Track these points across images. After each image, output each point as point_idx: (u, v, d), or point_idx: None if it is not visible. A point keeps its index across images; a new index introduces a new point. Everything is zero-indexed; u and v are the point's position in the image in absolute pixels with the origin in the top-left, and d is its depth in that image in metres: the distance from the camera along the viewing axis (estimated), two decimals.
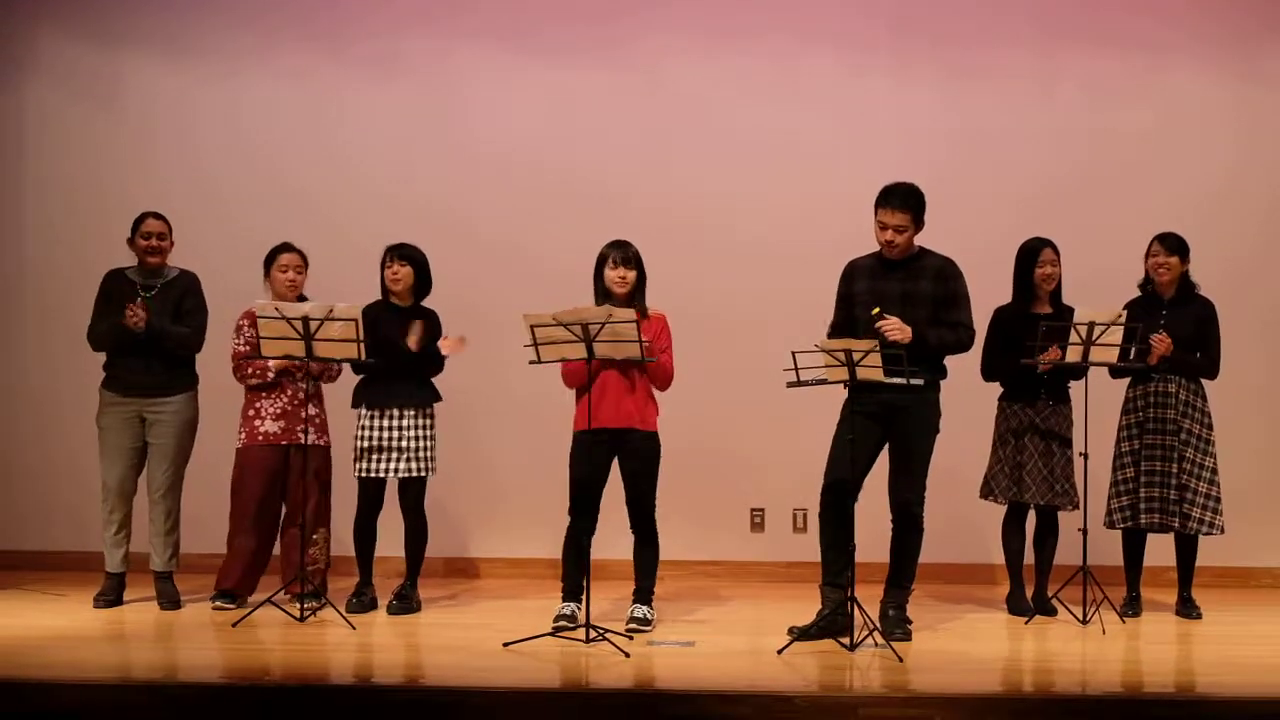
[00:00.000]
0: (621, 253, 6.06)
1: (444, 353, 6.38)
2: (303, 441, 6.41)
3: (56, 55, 7.86)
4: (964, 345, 5.96)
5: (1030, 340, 6.21)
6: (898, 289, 5.85)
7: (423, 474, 6.40)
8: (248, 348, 6.48)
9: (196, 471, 6.64)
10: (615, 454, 6.05)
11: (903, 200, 5.83)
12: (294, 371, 6.48)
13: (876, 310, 5.78)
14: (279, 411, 6.49)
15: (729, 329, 7.49)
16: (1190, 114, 7.61)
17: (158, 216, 6.53)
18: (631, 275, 6.05)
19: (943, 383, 6.02)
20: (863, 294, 5.91)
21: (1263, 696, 4.99)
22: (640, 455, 6.04)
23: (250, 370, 6.49)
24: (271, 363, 6.40)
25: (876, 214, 5.87)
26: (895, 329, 5.73)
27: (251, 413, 6.52)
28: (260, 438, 6.48)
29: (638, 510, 6.07)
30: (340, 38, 7.80)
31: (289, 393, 6.52)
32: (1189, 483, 6.40)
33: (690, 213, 7.59)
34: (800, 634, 5.75)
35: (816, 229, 7.31)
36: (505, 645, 5.62)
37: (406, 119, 7.77)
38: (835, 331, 5.97)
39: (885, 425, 5.88)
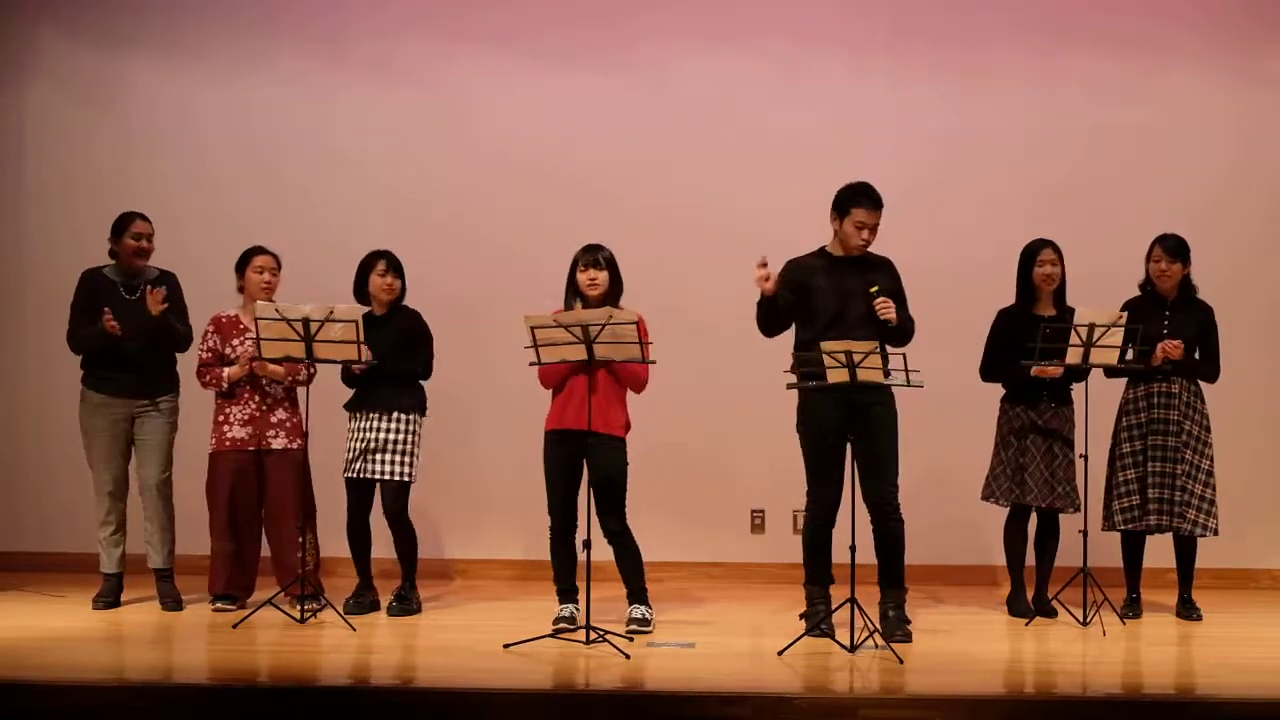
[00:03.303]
0: (592, 255, 6.05)
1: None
2: (271, 446, 6.45)
3: (58, 57, 7.86)
4: (910, 337, 5.99)
5: (1031, 342, 6.20)
6: (860, 285, 5.89)
7: (401, 478, 6.36)
8: (210, 355, 6.52)
9: (195, 472, 6.64)
10: (582, 454, 6.03)
11: (880, 201, 5.92)
12: (260, 379, 6.47)
13: (875, 289, 5.83)
14: (246, 417, 6.49)
15: (730, 331, 7.45)
16: (1191, 114, 7.62)
17: (144, 217, 6.53)
18: (602, 277, 6.03)
19: (944, 384, 6.05)
20: (823, 291, 5.92)
21: (1263, 698, 4.99)
22: (604, 461, 6.01)
23: (208, 377, 6.51)
24: (225, 372, 6.43)
25: (850, 214, 5.91)
26: (890, 308, 5.82)
27: (221, 418, 6.53)
28: (228, 443, 6.49)
29: (606, 517, 6.04)
30: (341, 40, 7.80)
31: (258, 397, 6.51)
32: (1187, 484, 6.40)
33: (690, 215, 7.59)
34: (813, 627, 5.82)
35: (818, 230, 7.25)
36: (506, 647, 5.62)
37: (407, 121, 7.77)
38: (776, 312, 5.95)
39: (850, 424, 5.88)
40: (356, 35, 7.80)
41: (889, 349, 5.77)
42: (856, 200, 5.90)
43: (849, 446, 5.89)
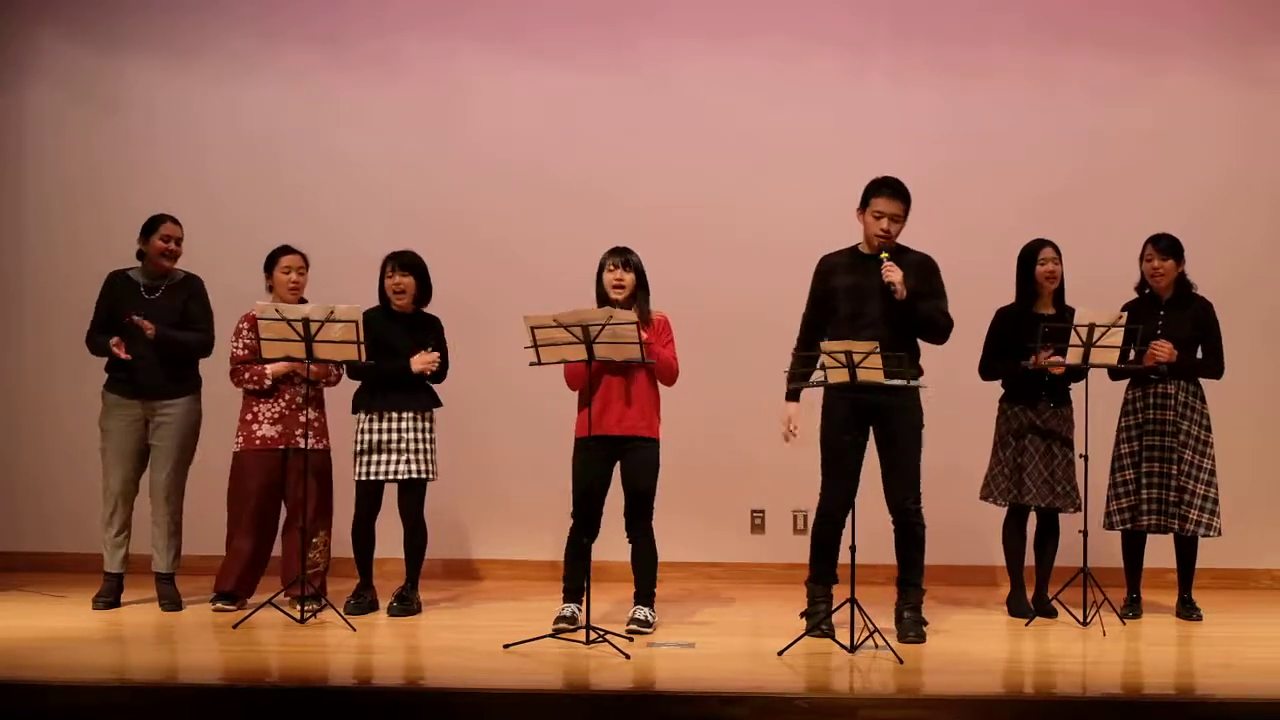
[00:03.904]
0: (619, 258, 6.07)
1: (414, 369, 6.34)
2: (300, 445, 6.41)
3: (58, 57, 7.86)
4: (944, 332, 5.96)
5: (1031, 342, 6.20)
6: (880, 283, 5.86)
7: (422, 476, 6.40)
8: (246, 352, 6.48)
9: (198, 474, 6.64)
10: (617, 459, 6.05)
11: (901, 191, 5.90)
12: (293, 376, 6.47)
13: (885, 255, 5.83)
14: (276, 415, 6.49)
15: (729, 330, 7.48)
16: (1191, 115, 7.62)
17: (175, 220, 6.53)
18: (629, 278, 6.05)
19: (944, 383, 6.05)
20: (844, 288, 5.93)
21: (1263, 698, 4.99)
22: (642, 461, 6.03)
23: (247, 375, 6.48)
24: (269, 369, 6.40)
25: (870, 204, 5.90)
26: (894, 272, 5.78)
27: (249, 416, 6.51)
28: (257, 442, 6.47)
29: (636, 515, 6.06)
30: (341, 39, 7.80)
31: (287, 397, 6.51)
32: (1187, 484, 6.40)
33: (690, 214, 7.59)
34: (813, 627, 5.81)
35: (817, 230, 7.24)
36: (506, 647, 5.61)
37: (407, 121, 7.77)
38: (809, 326, 6.01)
39: (870, 425, 5.89)
40: (357, 34, 7.81)
41: (922, 343, 5.79)
42: (877, 190, 5.90)
43: (867, 449, 5.90)
